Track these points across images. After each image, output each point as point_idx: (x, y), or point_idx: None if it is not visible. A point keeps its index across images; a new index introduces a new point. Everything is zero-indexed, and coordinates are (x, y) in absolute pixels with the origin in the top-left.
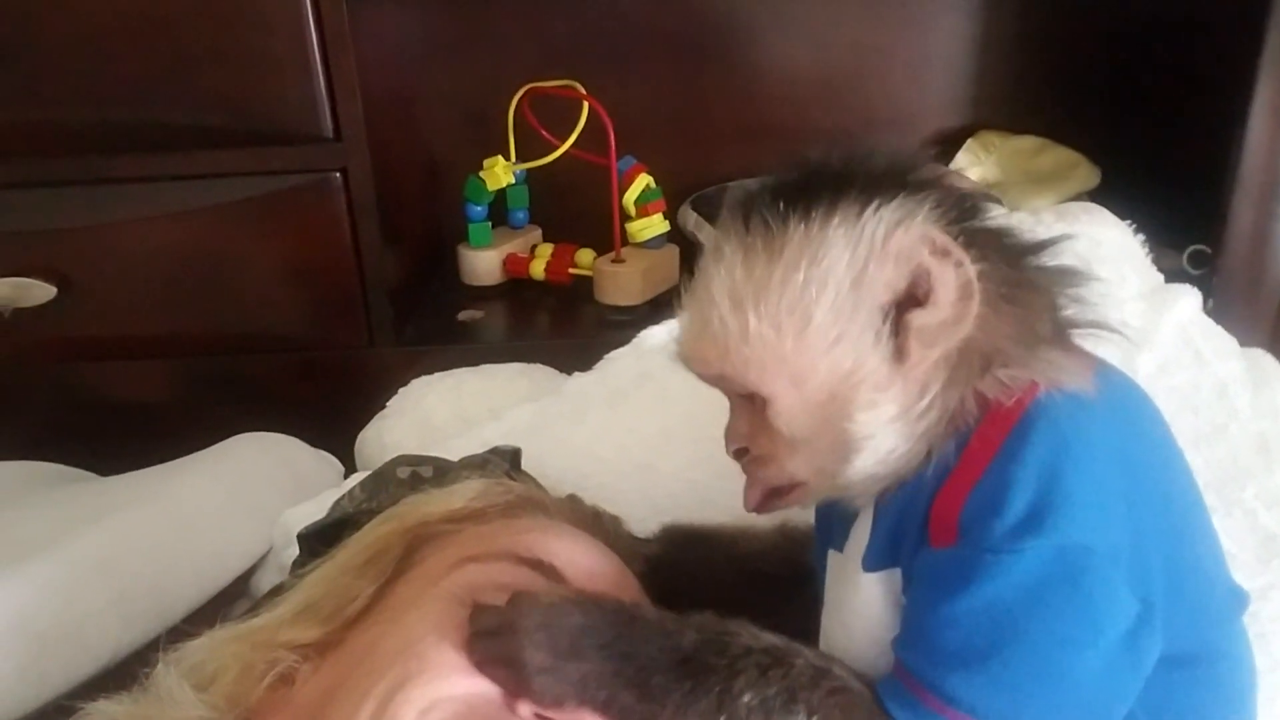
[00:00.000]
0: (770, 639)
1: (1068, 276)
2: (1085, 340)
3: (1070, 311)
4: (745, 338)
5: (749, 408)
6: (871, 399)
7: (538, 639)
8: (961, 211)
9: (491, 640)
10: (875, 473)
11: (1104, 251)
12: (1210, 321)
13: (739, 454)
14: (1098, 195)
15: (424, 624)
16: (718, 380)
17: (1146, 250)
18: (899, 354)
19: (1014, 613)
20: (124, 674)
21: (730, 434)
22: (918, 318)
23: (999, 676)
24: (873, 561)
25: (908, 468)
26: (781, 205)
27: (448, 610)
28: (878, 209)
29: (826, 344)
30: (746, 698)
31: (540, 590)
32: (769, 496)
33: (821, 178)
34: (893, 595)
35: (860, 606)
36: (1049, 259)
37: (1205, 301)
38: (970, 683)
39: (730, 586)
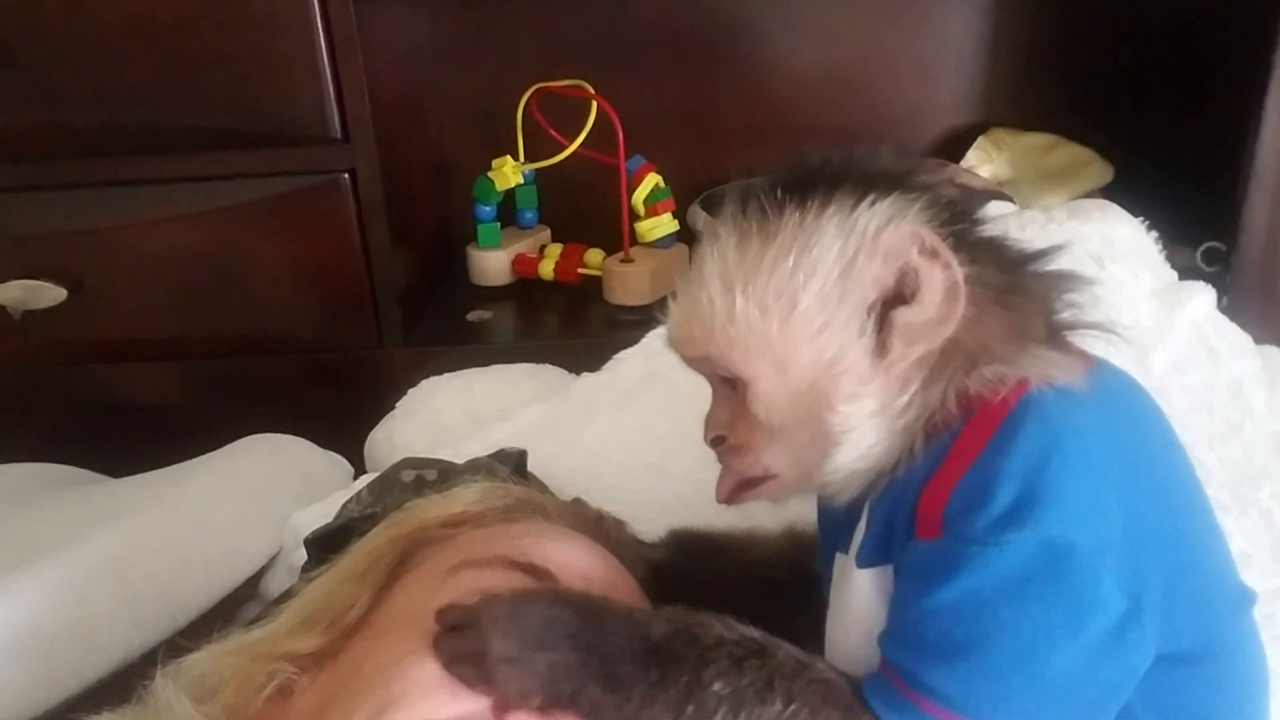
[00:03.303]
0: (749, 631)
1: (1064, 282)
2: (1091, 342)
3: (1067, 315)
4: (731, 318)
5: (731, 395)
6: (853, 391)
7: (502, 629)
8: (955, 214)
9: (457, 636)
10: (854, 468)
11: (1117, 249)
12: (1225, 319)
13: (716, 441)
14: (1110, 192)
15: (407, 641)
16: (702, 363)
17: (1160, 247)
18: (881, 349)
19: (994, 605)
20: (131, 679)
21: (710, 421)
22: (902, 315)
23: (978, 669)
24: (866, 558)
25: (887, 464)
26: (779, 194)
27: (433, 627)
28: (872, 204)
29: (811, 331)
30: (716, 686)
31: (507, 589)
32: (740, 487)
33: (822, 172)
34: (886, 592)
35: (855, 604)
36: (1046, 266)
37: (1219, 299)
38: (949, 675)
39: (736, 593)
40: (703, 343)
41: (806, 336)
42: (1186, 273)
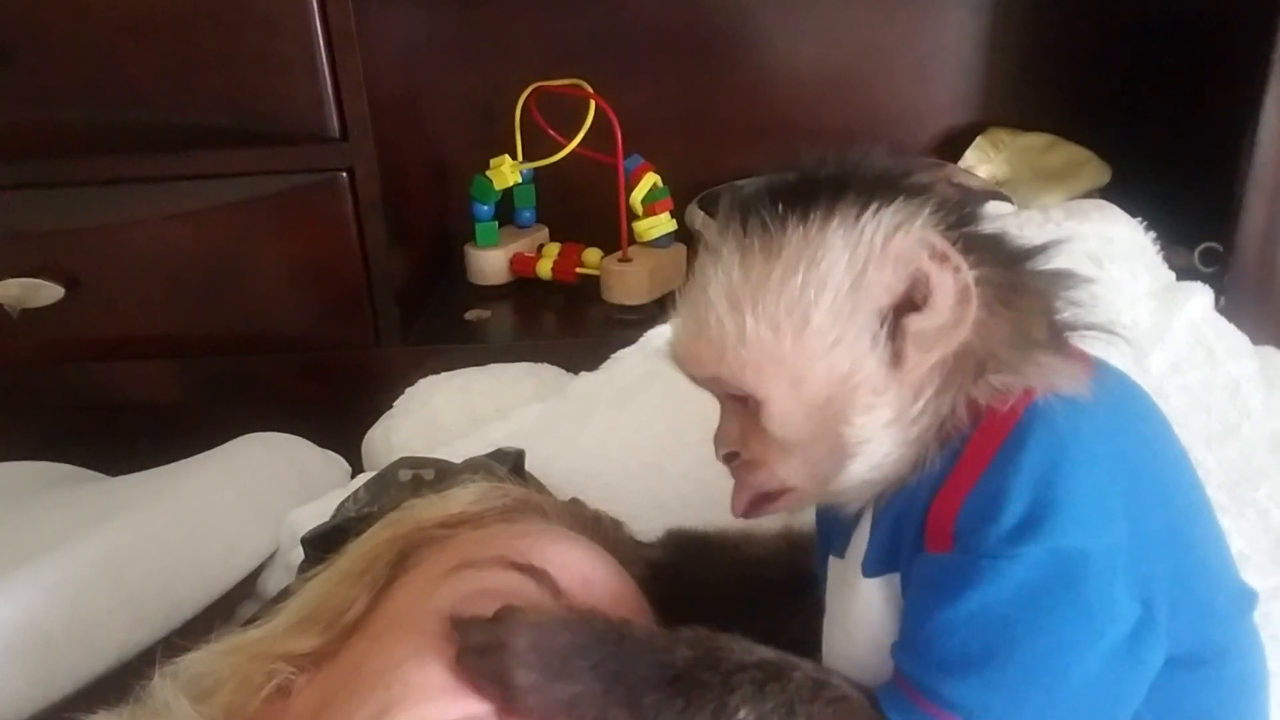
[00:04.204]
0: (765, 652)
1: (1064, 280)
2: (1090, 343)
3: (1068, 315)
4: (742, 339)
5: (740, 411)
6: (869, 402)
7: (527, 659)
8: (960, 216)
9: (480, 658)
10: (868, 478)
11: (1115, 249)
12: (1222, 319)
13: (729, 458)
14: (1108, 192)
15: (407, 643)
16: (711, 382)
17: (1158, 248)
18: (895, 358)
19: (1010, 618)
20: (129, 679)
21: (720, 438)
22: (915, 322)
23: (995, 681)
24: (872, 567)
25: (899, 474)
26: (780, 207)
27: (433, 628)
28: (876, 212)
29: (825, 346)
30: (742, 713)
31: (528, 606)
32: (757, 502)
33: (819, 180)
34: (893, 600)
35: (861, 612)
36: (1045, 263)
37: (1217, 299)
38: (967, 688)
39: (733, 593)
40: (712, 364)
41: (820, 352)
42: (1184, 273)
